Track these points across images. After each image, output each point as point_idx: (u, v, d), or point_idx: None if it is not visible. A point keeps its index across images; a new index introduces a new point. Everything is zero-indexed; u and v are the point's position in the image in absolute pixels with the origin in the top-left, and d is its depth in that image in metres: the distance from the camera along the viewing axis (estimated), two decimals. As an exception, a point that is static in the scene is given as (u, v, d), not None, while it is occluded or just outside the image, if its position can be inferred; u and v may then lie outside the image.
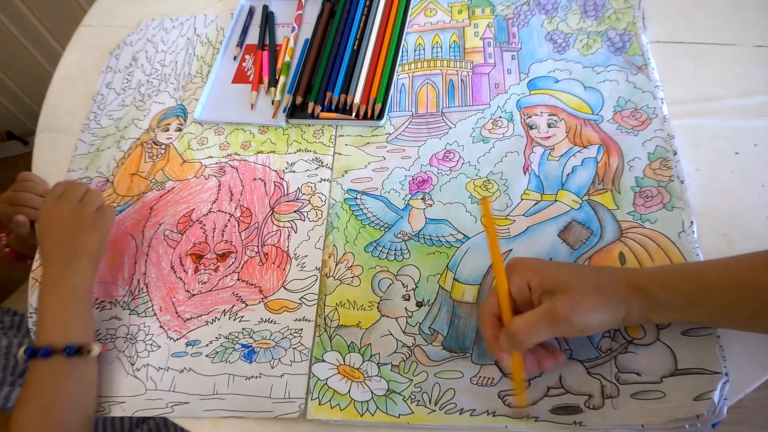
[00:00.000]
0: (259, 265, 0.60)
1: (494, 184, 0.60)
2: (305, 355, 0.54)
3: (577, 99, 0.62)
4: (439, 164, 0.62)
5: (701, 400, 0.44)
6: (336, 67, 0.71)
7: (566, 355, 0.49)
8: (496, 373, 0.50)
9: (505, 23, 0.71)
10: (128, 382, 0.56)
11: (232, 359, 0.55)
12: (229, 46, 0.79)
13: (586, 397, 0.47)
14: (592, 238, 0.54)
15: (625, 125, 0.60)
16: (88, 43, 0.88)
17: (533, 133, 0.62)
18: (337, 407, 0.51)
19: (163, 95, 0.77)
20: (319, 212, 0.62)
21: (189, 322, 0.58)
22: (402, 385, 0.51)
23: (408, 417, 0.49)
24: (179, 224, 0.65)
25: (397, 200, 0.61)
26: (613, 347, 0.49)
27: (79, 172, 0.72)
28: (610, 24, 0.67)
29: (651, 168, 0.56)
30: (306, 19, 0.79)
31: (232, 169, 0.68)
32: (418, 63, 0.70)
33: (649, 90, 0.61)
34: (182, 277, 0.61)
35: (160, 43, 0.83)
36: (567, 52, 0.66)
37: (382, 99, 0.67)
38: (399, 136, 0.65)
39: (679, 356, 0.47)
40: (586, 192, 0.57)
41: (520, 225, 0.57)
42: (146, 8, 0.89)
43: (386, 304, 0.55)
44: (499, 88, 0.66)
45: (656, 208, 0.54)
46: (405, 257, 0.57)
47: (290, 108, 0.70)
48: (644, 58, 0.63)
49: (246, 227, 0.63)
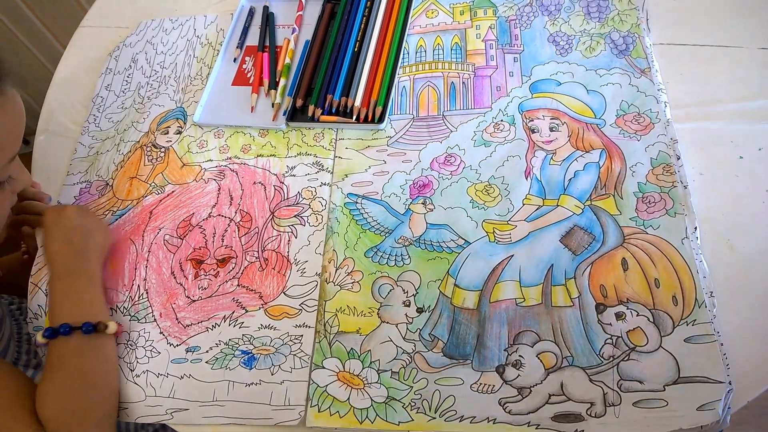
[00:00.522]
0: (259, 270, 0.60)
1: (496, 189, 0.59)
2: (305, 362, 0.54)
3: (580, 102, 0.62)
4: (440, 168, 0.62)
5: (705, 410, 0.43)
6: (337, 70, 0.71)
7: (568, 361, 0.48)
8: (497, 380, 0.49)
9: (507, 25, 0.70)
10: (128, 389, 0.56)
11: (232, 366, 0.55)
12: (229, 48, 0.79)
13: (588, 404, 0.47)
14: (595, 243, 0.54)
15: (628, 130, 0.59)
16: (88, 44, 0.87)
17: (535, 137, 0.61)
18: (337, 414, 0.51)
19: (162, 97, 0.76)
20: (319, 217, 0.62)
21: (189, 328, 0.58)
22: (402, 392, 0.51)
23: (408, 425, 0.49)
24: (179, 229, 0.64)
25: (397, 205, 0.61)
26: (615, 354, 0.48)
27: (78, 175, 0.72)
28: (613, 26, 0.66)
29: (654, 173, 0.56)
30: (306, 20, 0.79)
31: (232, 173, 0.67)
32: (420, 65, 0.70)
33: (652, 94, 0.60)
34: (182, 283, 0.61)
35: (159, 45, 0.82)
36: (570, 54, 0.65)
37: (383, 102, 0.66)
38: (400, 140, 0.65)
39: (682, 364, 0.47)
40: (588, 197, 0.56)
41: (521, 230, 0.56)
42: (146, 9, 0.88)
43: (386, 310, 0.55)
44: (501, 91, 0.65)
45: (659, 214, 0.54)
46: (405, 263, 0.57)
47: (290, 111, 0.69)
48: (648, 60, 0.62)
49: (246, 232, 0.63)
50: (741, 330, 0.48)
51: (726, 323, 0.48)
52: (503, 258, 0.55)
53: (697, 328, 0.48)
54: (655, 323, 0.49)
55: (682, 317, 0.49)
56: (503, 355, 0.50)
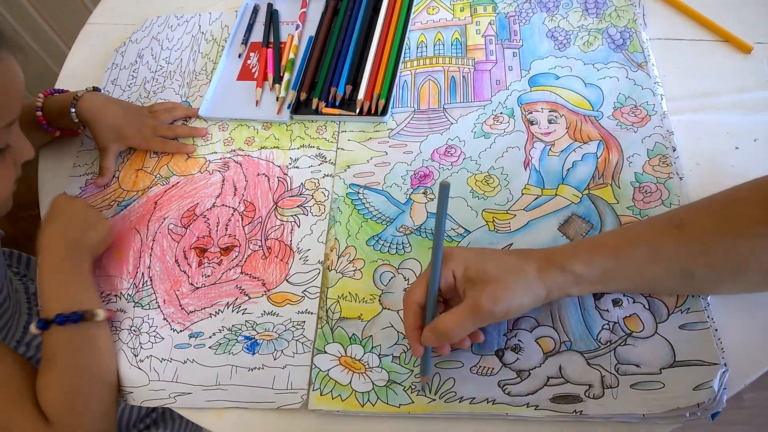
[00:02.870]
0: (262, 258, 0.61)
1: (495, 179, 0.60)
2: (307, 347, 0.55)
3: (578, 95, 0.63)
4: (441, 159, 0.63)
5: (701, 389, 0.44)
6: (340, 64, 0.72)
7: (566, 346, 0.49)
8: (496, 364, 0.50)
9: (506, 21, 0.71)
10: (132, 373, 0.56)
11: (235, 351, 0.56)
12: (233, 44, 0.80)
13: (586, 386, 0.47)
14: (592, 231, 0.54)
15: (625, 122, 0.60)
16: (94, 41, 0.89)
17: (534, 128, 0.62)
18: (339, 398, 0.51)
19: (168, 92, 0.78)
20: (321, 207, 0.63)
21: (192, 314, 0.59)
22: (403, 375, 0.51)
23: (408, 407, 0.50)
24: (183, 218, 0.65)
25: (398, 194, 0.62)
26: (612, 339, 0.49)
27: (85, 167, 0.73)
28: (610, 21, 0.67)
29: (650, 164, 0.57)
30: (310, 17, 0.80)
31: (236, 165, 0.69)
32: (421, 60, 0.71)
33: (649, 87, 0.61)
34: (186, 271, 0.62)
35: (165, 41, 0.84)
36: (568, 49, 0.67)
37: (385, 95, 0.67)
38: (401, 132, 0.66)
39: (677, 349, 0.47)
40: (586, 186, 0.57)
41: (520, 219, 0.57)
42: (152, 6, 0.90)
43: (388, 297, 0.56)
44: (500, 85, 0.66)
45: (655, 204, 0.55)
46: (406, 251, 0.58)
47: (294, 104, 0.70)
48: (644, 54, 0.63)
49: (249, 221, 0.64)
50: (736, 316, 0.49)
51: (721, 310, 0.49)
52: (503, 246, 0.56)
53: (692, 315, 0.49)
54: (650, 310, 0.50)
55: (677, 305, 0.49)
56: (503, 340, 0.51)
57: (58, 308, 0.55)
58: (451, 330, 0.45)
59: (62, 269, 0.58)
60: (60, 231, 0.60)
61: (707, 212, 0.47)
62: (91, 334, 0.56)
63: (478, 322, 0.46)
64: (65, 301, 0.56)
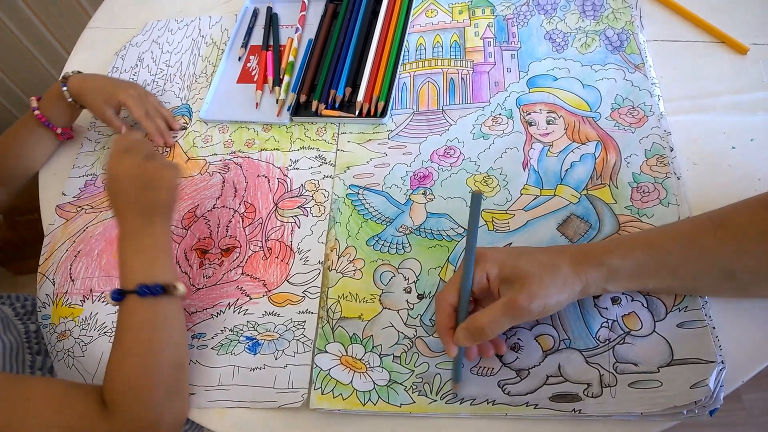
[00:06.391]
0: (263, 259, 0.61)
1: (494, 180, 0.61)
2: (308, 347, 0.55)
3: (576, 97, 0.64)
4: (440, 160, 0.63)
5: (698, 388, 0.45)
6: (339, 66, 0.72)
7: (565, 344, 0.50)
8: (496, 363, 0.50)
9: (504, 23, 0.72)
10: (134, 374, 0.57)
11: (236, 351, 0.56)
12: (233, 47, 0.81)
13: (584, 385, 0.48)
14: (591, 231, 0.55)
15: (623, 122, 0.61)
16: (95, 45, 0.89)
17: (532, 129, 0.63)
18: (340, 397, 0.52)
19: (168, 95, 0.78)
20: (321, 208, 0.63)
21: (194, 315, 0.59)
22: (403, 375, 0.52)
23: (409, 407, 0.50)
24: (184, 220, 0.66)
25: (398, 195, 0.62)
26: (610, 338, 0.49)
27: (84, 168, 0.73)
28: (607, 23, 0.68)
29: (648, 164, 0.57)
30: (309, 21, 0.81)
31: (236, 166, 0.69)
32: (420, 62, 0.72)
33: (646, 88, 0.62)
34: (187, 272, 0.62)
35: (165, 44, 0.84)
36: (566, 50, 0.67)
37: (384, 97, 0.68)
38: (400, 133, 0.67)
39: (675, 347, 0.48)
40: (584, 187, 0.58)
41: (519, 219, 0.58)
42: (152, 10, 0.90)
43: (388, 296, 0.56)
44: (498, 86, 0.67)
45: (653, 204, 0.55)
46: (406, 251, 0.58)
47: (294, 106, 0.71)
48: (641, 56, 0.64)
49: (250, 222, 0.64)
50: (734, 314, 0.49)
51: (719, 308, 0.50)
52: (502, 246, 0.56)
53: (689, 314, 0.49)
54: (648, 308, 0.50)
55: (675, 304, 0.50)
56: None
57: (140, 279, 0.52)
58: (486, 326, 0.45)
59: (139, 241, 0.55)
60: (126, 200, 0.56)
61: (749, 213, 0.46)
62: (169, 309, 0.53)
63: (513, 320, 0.45)
64: (144, 274, 0.53)
